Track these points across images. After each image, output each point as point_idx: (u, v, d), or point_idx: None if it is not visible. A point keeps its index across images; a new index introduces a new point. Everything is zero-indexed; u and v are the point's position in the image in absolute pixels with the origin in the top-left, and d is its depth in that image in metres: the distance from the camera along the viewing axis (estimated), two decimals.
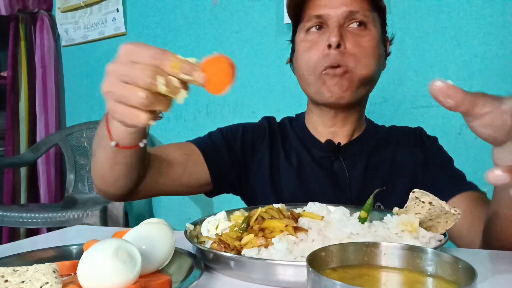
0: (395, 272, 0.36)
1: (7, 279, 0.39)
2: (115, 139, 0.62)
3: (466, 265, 0.32)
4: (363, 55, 0.82)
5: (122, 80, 0.49)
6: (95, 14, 2.51)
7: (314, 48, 0.83)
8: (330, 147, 0.90)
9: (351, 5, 0.82)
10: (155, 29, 2.32)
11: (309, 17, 0.84)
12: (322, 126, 0.93)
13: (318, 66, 0.82)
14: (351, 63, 0.81)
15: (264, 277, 0.47)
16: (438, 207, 0.52)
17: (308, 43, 0.85)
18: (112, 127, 0.61)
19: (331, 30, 0.81)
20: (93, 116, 2.55)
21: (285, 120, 1.02)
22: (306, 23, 0.85)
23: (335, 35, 0.79)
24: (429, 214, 0.53)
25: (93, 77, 2.58)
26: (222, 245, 0.52)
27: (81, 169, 2.45)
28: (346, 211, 0.58)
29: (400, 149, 0.91)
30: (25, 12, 2.59)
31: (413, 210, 0.54)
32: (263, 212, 0.55)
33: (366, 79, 0.83)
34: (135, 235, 0.47)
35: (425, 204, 0.53)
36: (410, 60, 1.65)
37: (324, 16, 0.82)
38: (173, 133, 2.28)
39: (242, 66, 2.07)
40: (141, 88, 0.47)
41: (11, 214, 1.93)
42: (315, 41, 0.84)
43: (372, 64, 0.83)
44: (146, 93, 0.47)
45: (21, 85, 2.56)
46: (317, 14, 0.83)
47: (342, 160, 0.89)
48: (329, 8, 0.82)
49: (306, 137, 0.94)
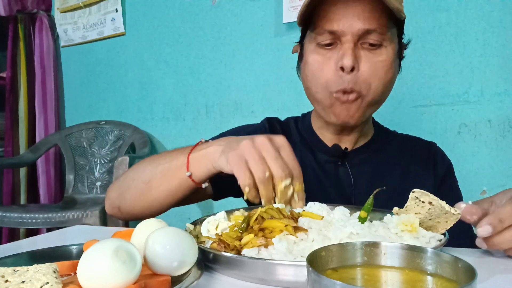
0: (395, 272, 0.36)
1: (7, 279, 0.39)
2: (190, 170, 0.72)
3: (466, 265, 0.32)
4: (376, 78, 0.77)
5: (264, 160, 0.63)
6: (94, 14, 2.51)
7: (326, 65, 0.79)
8: (336, 152, 0.88)
9: (368, 22, 0.75)
10: (154, 29, 2.32)
11: (321, 29, 0.78)
12: (328, 132, 0.91)
13: (330, 87, 0.78)
14: (364, 88, 0.77)
15: (264, 277, 0.47)
16: (438, 207, 0.52)
17: (319, 57, 0.80)
18: (197, 163, 0.72)
19: (345, 51, 0.75)
20: (92, 116, 2.55)
21: (289, 120, 1.00)
22: (318, 35, 0.79)
23: (349, 58, 0.74)
24: (429, 214, 0.53)
25: (93, 77, 2.58)
26: (222, 245, 0.52)
27: (81, 169, 2.44)
28: (346, 211, 0.58)
29: (412, 164, 0.90)
30: (24, 12, 2.59)
31: (413, 210, 0.54)
32: (263, 212, 0.55)
33: (375, 101, 0.81)
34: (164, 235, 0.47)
35: (425, 204, 0.53)
36: (410, 59, 1.65)
37: (338, 32, 0.76)
38: (173, 133, 2.28)
39: (241, 66, 2.07)
40: (266, 172, 0.62)
41: (10, 214, 1.93)
42: (328, 56, 0.79)
43: (383, 87, 0.79)
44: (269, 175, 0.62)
45: (20, 85, 2.56)
46: (330, 30, 0.77)
47: (348, 166, 0.88)
48: (343, 23, 0.75)
49: (312, 140, 0.93)
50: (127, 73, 2.44)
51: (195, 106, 2.20)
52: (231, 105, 2.09)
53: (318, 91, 0.81)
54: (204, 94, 2.16)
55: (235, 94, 2.08)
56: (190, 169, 0.72)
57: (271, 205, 0.60)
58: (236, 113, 2.08)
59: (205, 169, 0.72)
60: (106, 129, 2.43)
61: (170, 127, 2.29)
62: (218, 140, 0.74)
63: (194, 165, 0.72)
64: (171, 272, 0.45)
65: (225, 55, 2.11)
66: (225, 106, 2.11)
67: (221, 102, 2.12)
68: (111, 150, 2.40)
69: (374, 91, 0.78)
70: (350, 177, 0.87)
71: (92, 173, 2.42)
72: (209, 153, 0.72)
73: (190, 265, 0.47)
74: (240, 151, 0.65)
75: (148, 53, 2.35)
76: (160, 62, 2.31)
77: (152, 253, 0.44)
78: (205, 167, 0.72)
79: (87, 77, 2.60)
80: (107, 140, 2.42)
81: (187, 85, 2.22)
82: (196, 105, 2.19)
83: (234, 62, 2.09)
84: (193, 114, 2.21)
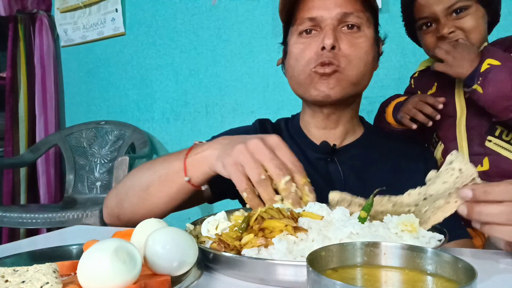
0: (395, 272, 0.36)
1: (7, 279, 0.39)
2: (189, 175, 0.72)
3: (466, 265, 0.32)
4: (356, 56, 0.81)
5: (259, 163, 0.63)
6: (94, 14, 2.51)
7: (307, 49, 0.83)
8: (325, 148, 0.89)
9: (345, 6, 0.81)
10: (154, 29, 2.32)
11: (302, 19, 0.83)
12: (314, 128, 0.92)
13: (310, 64, 0.82)
14: (343, 63, 0.80)
15: (264, 277, 0.47)
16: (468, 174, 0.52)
17: (301, 45, 0.84)
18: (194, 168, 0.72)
19: (326, 32, 0.80)
20: (92, 116, 2.56)
21: (280, 121, 1.02)
22: (299, 26, 0.84)
23: (330, 37, 0.78)
24: (454, 183, 0.53)
25: (92, 77, 2.58)
26: (222, 245, 0.52)
27: (81, 169, 2.44)
28: (346, 211, 0.58)
29: (404, 161, 0.90)
30: (24, 12, 2.59)
31: (442, 177, 0.54)
32: (263, 212, 0.55)
33: (355, 79, 0.83)
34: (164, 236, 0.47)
35: (454, 172, 0.53)
36: (410, 59, 1.65)
37: (318, 18, 0.81)
38: (173, 133, 2.28)
39: (241, 66, 2.07)
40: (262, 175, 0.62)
41: (11, 214, 1.93)
42: (309, 43, 0.83)
43: (364, 65, 0.82)
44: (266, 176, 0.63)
45: (20, 85, 2.56)
46: (310, 17, 0.82)
47: (338, 162, 0.88)
48: (322, 10, 0.81)
49: (301, 138, 0.93)
50: (127, 73, 2.44)
51: (195, 106, 2.20)
52: (231, 105, 2.09)
53: (300, 72, 0.84)
54: (204, 94, 2.16)
55: (235, 94, 2.08)
56: (188, 174, 0.73)
57: (272, 205, 0.60)
58: (236, 113, 2.08)
59: (203, 172, 0.72)
60: (106, 129, 2.43)
61: (170, 127, 2.29)
62: (212, 142, 0.74)
63: (191, 170, 0.73)
64: (171, 272, 0.45)
65: (225, 55, 2.11)
66: (225, 106, 2.11)
67: (221, 102, 2.12)
68: (111, 150, 2.40)
69: (355, 66, 0.81)
70: (340, 173, 0.87)
71: (92, 173, 2.42)
72: (205, 157, 0.72)
73: (190, 265, 0.47)
74: (234, 157, 0.65)
75: (148, 53, 2.35)
76: (160, 62, 2.31)
77: (152, 253, 0.44)
78: (203, 170, 0.72)
79: (87, 77, 2.60)
80: (107, 140, 2.42)
81: (187, 85, 2.22)
82: (196, 105, 2.19)
83: (234, 62, 2.09)
84: (193, 114, 2.21)
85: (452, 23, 0.92)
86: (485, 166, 0.91)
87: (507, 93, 0.82)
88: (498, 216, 0.50)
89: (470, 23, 0.92)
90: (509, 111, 0.83)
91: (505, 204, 0.50)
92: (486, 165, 0.91)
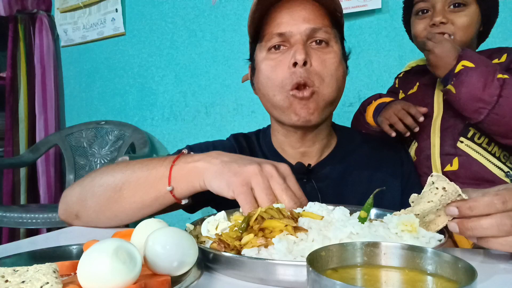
0: (395, 272, 0.36)
1: (7, 279, 0.39)
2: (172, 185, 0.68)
3: (466, 265, 0.32)
4: (328, 74, 0.80)
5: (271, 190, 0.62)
6: (94, 14, 2.51)
7: (279, 66, 0.81)
8: (300, 169, 0.85)
9: (313, 22, 0.80)
10: (154, 29, 2.32)
11: (270, 35, 0.81)
12: (289, 147, 0.89)
13: (285, 85, 0.80)
14: (317, 82, 0.79)
15: (264, 277, 0.47)
16: (452, 191, 0.52)
17: (272, 62, 0.82)
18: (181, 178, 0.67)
19: (296, 48, 0.78)
20: (92, 116, 2.56)
21: (251, 136, 0.98)
22: (268, 42, 0.82)
23: (301, 52, 0.77)
24: (440, 201, 0.53)
25: (93, 77, 2.58)
26: (222, 245, 0.52)
27: (81, 169, 2.44)
28: (346, 211, 0.58)
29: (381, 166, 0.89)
30: (24, 12, 2.59)
31: (427, 197, 0.55)
32: (263, 212, 0.55)
33: (331, 98, 0.82)
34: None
35: (438, 191, 0.53)
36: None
37: (287, 33, 0.80)
38: (173, 133, 2.28)
39: (241, 66, 2.07)
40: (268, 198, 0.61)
41: (11, 214, 1.93)
42: (279, 59, 0.81)
43: (335, 82, 0.82)
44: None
45: (21, 85, 2.56)
46: (279, 32, 0.80)
47: (314, 181, 0.86)
48: (291, 25, 0.80)
49: (276, 158, 0.89)
50: (127, 73, 2.44)
51: (195, 106, 2.20)
52: (231, 105, 2.09)
53: (275, 93, 0.82)
54: (204, 94, 2.16)
55: (235, 94, 2.07)
56: (172, 183, 0.67)
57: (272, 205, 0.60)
58: (236, 113, 2.08)
59: (190, 186, 0.67)
60: (106, 129, 2.43)
61: (170, 127, 2.29)
62: (205, 155, 0.69)
63: (177, 179, 0.68)
64: (171, 272, 0.45)
65: (225, 55, 2.11)
66: (225, 106, 2.11)
67: (221, 102, 2.12)
68: (111, 150, 2.40)
69: (328, 84, 0.80)
70: (317, 192, 0.85)
71: None
72: (196, 169, 0.67)
73: (190, 265, 0.47)
74: (246, 178, 0.62)
75: (148, 53, 2.35)
76: (160, 62, 2.31)
77: (152, 253, 0.44)
78: (190, 184, 0.67)
79: (87, 77, 2.60)
80: (107, 140, 2.42)
81: (187, 85, 2.22)
82: (196, 105, 2.19)
83: (234, 62, 2.09)
84: (193, 114, 2.21)
85: (447, 14, 0.93)
86: (455, 166, 0.92)
87: (478, 95, 0.83)
88: (490, 229, 0.50)
89: (463, 20, 0.92)
90: (479, 113, 0.84)
91: (493, 216, 0.50)
92: (455, 165, 0.92)
